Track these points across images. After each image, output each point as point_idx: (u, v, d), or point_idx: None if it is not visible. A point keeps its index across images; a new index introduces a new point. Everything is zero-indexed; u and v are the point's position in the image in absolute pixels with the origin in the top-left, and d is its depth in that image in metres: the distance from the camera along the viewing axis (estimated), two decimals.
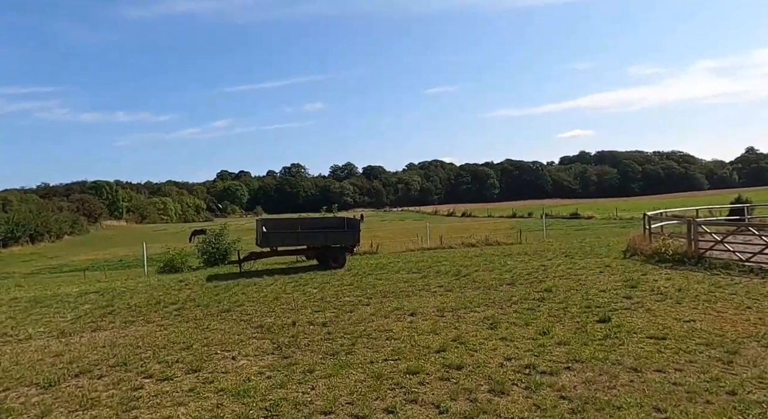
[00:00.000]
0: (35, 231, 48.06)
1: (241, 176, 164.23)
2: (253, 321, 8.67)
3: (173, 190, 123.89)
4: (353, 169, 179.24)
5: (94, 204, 72.05)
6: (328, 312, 9.04)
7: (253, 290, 12.12)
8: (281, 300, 10.54)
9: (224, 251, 18.07)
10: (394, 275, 13.34)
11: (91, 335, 8.37)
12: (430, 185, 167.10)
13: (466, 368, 5.63)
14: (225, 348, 7.05)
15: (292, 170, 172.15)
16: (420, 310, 8.76)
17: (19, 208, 50.55)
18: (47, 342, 8.01)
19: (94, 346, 7.54)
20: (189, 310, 10.03)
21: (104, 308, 10.78)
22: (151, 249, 33.51)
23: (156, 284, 14.03)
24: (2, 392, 5.65)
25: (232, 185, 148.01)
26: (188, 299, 11.21)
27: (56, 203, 64.80)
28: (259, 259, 16.39)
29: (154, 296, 11.87)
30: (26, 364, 6.71)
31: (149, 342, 7.62)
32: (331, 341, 7.09)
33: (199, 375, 5.89)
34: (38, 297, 12.78)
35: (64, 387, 5.76)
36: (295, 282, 12.96)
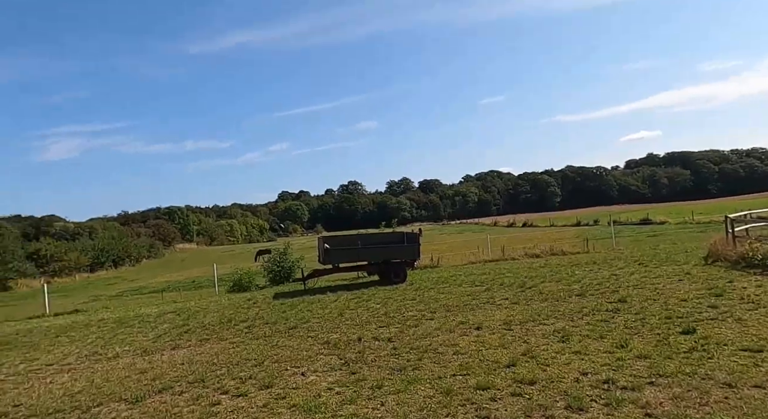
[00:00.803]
0: (118, 256, 51.81)
1: (301, 196, 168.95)
2: (319, 337, 8.82)
3: (238, 212, 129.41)
4: (409, 183, 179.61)
5: (168, 229, 76.82)
6: (392, 328, 9.04)
7: (317, 306, 12.36)
8: (345, 316, 10.67)
9: (288, 270, 18.60)
10: (456, 288, 13.15)
11: (171, 353, 8.83)
12: (488, 197, 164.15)
13: (539, 383, 5.41)
14: (294, 364, 7.20)
15: (349, 188, 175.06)
16: (486, 324, 8.56)
17: (103, 235, 54.78)
18: (133, 359, 8.53)
19: (173, 364, 7.95)
20: (258, 327, 10.37)
21: (181, 327, 11.36)
22: (220, 270, 35.04)
23: (227, 304, 14.64)
24: (96, 407, 6.05)
25: (292, 205, 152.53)
26: (257, 317, 11.60)
27: (135, 230, 69.64)
28: (322, 276, 16.72)
29: (226, 315, 12.37)
30: (115, 381, 7.17)
31: (223, 359, 7.93)
32: (398, 356, 7.07)
33: (272, 391, 6.04)
34: (123, 318, 13.68)
35: (149, 402, 6.09)
36: (358, 298, 13.09)
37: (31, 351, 10.18)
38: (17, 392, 7.07)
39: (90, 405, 6.14)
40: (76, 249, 44.99)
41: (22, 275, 36.62)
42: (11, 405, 6.39)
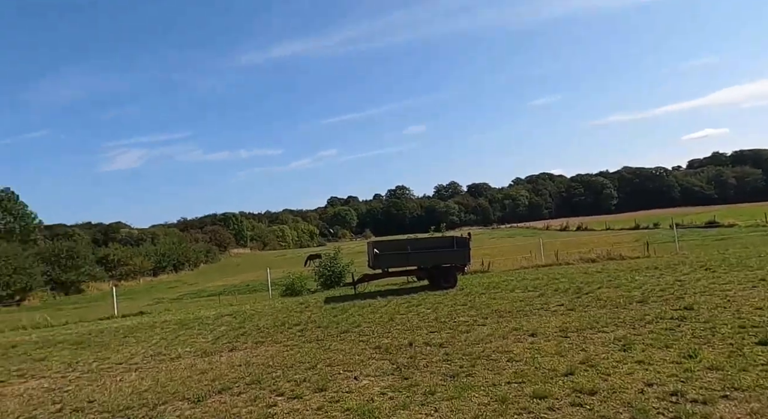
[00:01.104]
0: (178, 261, 54.36)
1: (350, 201, 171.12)
2: (371, 342, 8.87)
3: (289, 218, 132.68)
4: (457, 187, 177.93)
5: (224, 234, 79.87)
6: (443, 333, 8.96)
7: (368, 311, 12.44)
8: (396, 321, 10.67)
9: (339, 274, 18.86)
10: (509, 293, 12.87)
11: (229, 354, 9.14)
12: (540, 200, 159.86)
13: (599, 393, 5.19)
14: (347, 368, 7.27)
15: (397, 193, 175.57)
16: (541, 330, 8.32)
17: (165, 241, 57.67)
18: (194, 360, 8.90)
19: (231, 365, 8.22)
20: (311, 331, 10.56)
21: (237, 329, 11.75)
22: (273, 274, 36.00)
23: (280, 307, 15.01)
24: (161, 405, 6.35)
25: (341, 211, 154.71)
26: (309, 321, 11.82)
27: (193, 235, 72.84)
28: (372, 281, 16.82)
29: (279, 318, 12.68)
30: (178, 380, 7.50)
31: (278, 361, 8.13)
32: (450, 362, 6.99)
33: (326, 395, 6.13)
34: (183, 320, 14.31)
35: (210, 402, 6.32)
36: (408, 303, 13.07)
37: (103, 350, 10.82)
38: (91, 389, 7.53)
39: (156, 403, 6.45)
40: (141, 254, 47.60)
41: (93, 279, 39.16)
42: (86, 401, 6.82)
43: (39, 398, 7.25)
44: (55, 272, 35.48)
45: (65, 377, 8.55)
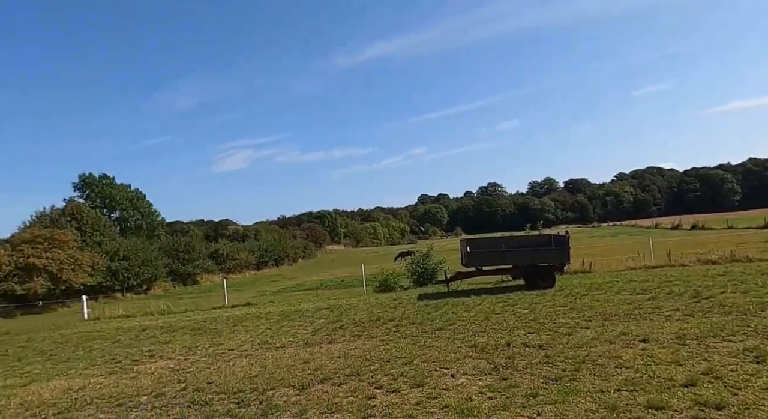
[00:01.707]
0: (278, 256, 57.81)
1: (440, 199, 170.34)
2: (466, 340, 8.78)
3: (381, 215, 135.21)
4: (553, 184, 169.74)
5: (319, 231, 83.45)
6: (543, 334, 8.61)
7: (462, 309, 12.31)
8: (492, 320, 10.45)
9: (432, 271, 18.86)
10: (614, 296, 12.04)
11: (328, 346, 9.54)
12: (646, 196, 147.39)
13: (728, 408, 4.69)
14: (443, 365, 7.26)
15: (488, 190, 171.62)
16: (653, 336, 7.68)
17: (267, 237, 61.57)
18: (296, 350, 9.41)
19: (331, 356, 8.58)
20: (405, 327, 10.69)
21: (335, 322, 12.22)
22: (366, 270, 36.92)
23: (374, 302, 15.36)
24: (270, 390, 6.80)
25: (432, 208, 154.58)
26: (403, 317, 11.96)
27: (291, 232, 76.96)
28: (465, 279, 16.62)
29: (374, 314, 12.99)
30: (284, 368, 7.98)
31: (375, 355, 8.33)
32: (551, 365, 6.71)
33: (423, 390, 6.17)
34: (285, 312, 15.18)
35: (313, 390, 6.65)
36: (503, 302, 12.73)
37: (216, 336, 11.83)
38: (209, 371, 8.27)
39: (265, 388, 6.91)
40: (246, 249, 51.26)
41: (206, 271, 42.96)
42: (206, 382, 7.50)
43: (167, 377, 8.10)
44: (174, 265, 39.48)
45: (187, 359, 9.47)
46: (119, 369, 9.10)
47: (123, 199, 48.53)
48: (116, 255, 33.63)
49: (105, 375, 8.61)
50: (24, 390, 7.95)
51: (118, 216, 48.65)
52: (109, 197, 47.62)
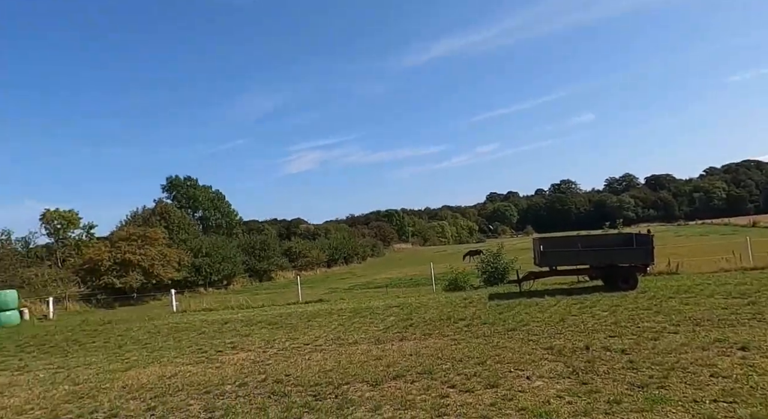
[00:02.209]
0: (348, 254, 59.08)
1: (510, 197, 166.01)
2: (541, 342, 8.51)
3: (448, 214, 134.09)
4: (633, 180, 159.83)
5: (387, 230, 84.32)
6: (625, 338, 8.16)
7: (535, 310, 11.95)
8: (568, 322, 10.06)
9: (502, 271, 18.46)
10: (706, 299, 11.15)
11: (399, 344, 9.62)
12: (742, 192, 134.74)
13: None
14: (518, 367, 7.09)
15: (561, 187, 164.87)
16: (754, 344, 7.03)
17: (336, 236, 63.14)
18: (368, 347, 9.58)
19: (403, 354, 8.64)
20: (477, 327, 10.54)
21: (405, 320, 12.30)
22: (435, 269, 36.77)
23: (444, 301, 15.28)
24: (344, 385, 6.97)
25: (501, 206, 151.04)
26: (474, 317, 11.80)
27: (360, 231, 78.36)
28: (538, 279, 16.10)
29: (444, 312, 12.92)
30: (357, 364, 8.15)
31: (447, 354, 8.29)
32: (635, 370, 6.34)
33: (497, 391, 6.06)
34: (356, 309, 15.49)
35: (386, 387, 6.73)
36: (580, 304, 12.20)
37: (292, 331, 12.30)
38: (286, 364, 8.62)
39: (340, 382, 7.10)
40: (317, 247, 52.85)
41: (280, 268, 44.80)
42: (284, 375, 7.82)
43: (248, 368, 8.55)
44: (251, 262, 41.52)
45: (266, 352, 9.94)
46: (205, 358, 9.73)
47: (205, 199, 51.89)
48: (199, 252, 35.96)
49: (193, 364, 9.23)
50: (125, 375, 8.71)
51: (200, 215, 52.09)
52: (193, 197, 51.12)
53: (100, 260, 29.27)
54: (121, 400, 7.06)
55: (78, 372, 9.34)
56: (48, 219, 42.15)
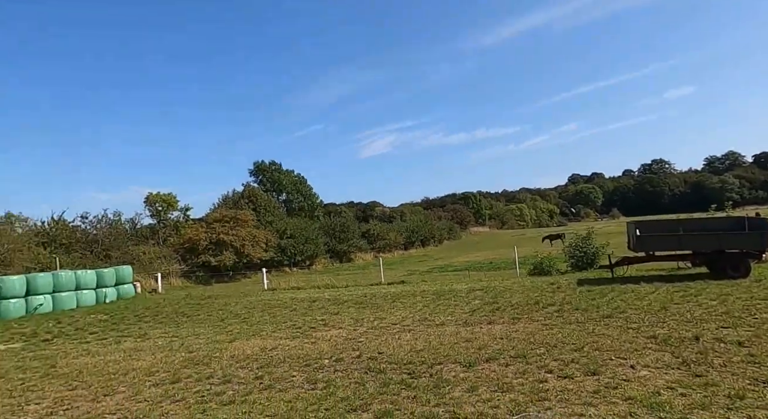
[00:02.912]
0: (424, 237, 59.24)
1: (594, 179, 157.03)
2: (642, 331, 8.09)
3: (527, 197, 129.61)
4: (738, 158, 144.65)
5: (464, 213, 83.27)
6: (741, 330, 7.54)
7: (632, 297, 11.34)
8: (671, 311, 9.46)
9: (592, 255, 17.63)
10: None
11: (488, 327, 9.57)
12: None
13: None
14: (619, 355, 6.81)
15: (653, 167, 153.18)
16: None
17: (413, 219, 63.45)
18: (456, 328, 9.62)
19: (493, 337, 8.59)
20: (569, 312, 10.21)
21: (491, 304, 12.18)
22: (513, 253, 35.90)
23: (529, 286, 14.92)
24: (437, 365, 7.08)
25: (584, 188, 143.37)
26: (565, 302, 11.43)
27: (436, 213, 78.06)
28: (632, 265, 15.21)
29: (531, 297, 12.63)
30: (447, 345, 8.23)
31: (540, 339, 8.12)
32: (758, 365, 5.87)
33: (599, 379, 5.87)
34: (439, 291, 15.56)
35: (480, 369, 6.75)
36: (683, 291, 11.40)
37: (378, 311, 12.63)
38: (377, 342, 8.89)
39: (432, 362, 7.22)
40: (394, 230, 53.50)
41: (359, 250, 46.00)
42: (377, 352, 8.09)
43: (342, 344, 8.93)
44: (332, 243, 42.96)
45: (356, 330, 10.31)
46: (300, 334, 10.28)
47: (288, 183, 54.25)
48: (284, 234, 37.77)
49: (290, 339, 9.81)
50: (231, 346, 9.45)
51: (284, 198, 54.57)
52: (277, 181, 53.63)
53: (198, 240, 31.73)
54: (232, 368, 7.68)
55: (190, 341, 10.27)
56: (151, 202, 46.10)
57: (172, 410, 5.90)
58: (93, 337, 11.55)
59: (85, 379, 7.56)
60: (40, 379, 7.75)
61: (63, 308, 16.79)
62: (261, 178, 54.25)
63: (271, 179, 53.81)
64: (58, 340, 11.41)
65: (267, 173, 54.23)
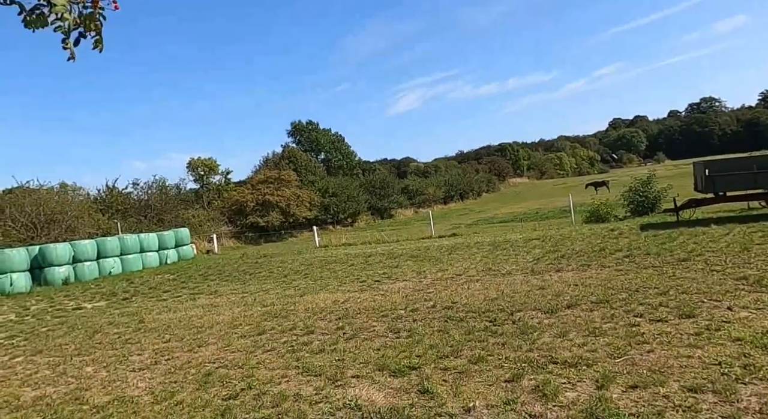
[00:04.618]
0: (463, 190, 58.72)
1: (637, 122, 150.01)
2: (728, 273, 7.78)
3: (566, 144, 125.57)
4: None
5: (502, 164, 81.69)
6: None
7: (705, 239, 10.92)
8: (753, 252, 9.07)
9: (653, 200, 17.00)
10: None
11: (557, 274, 9.42)
12: None
13: None
14: (710, 298, 6.57)
15: (701, 106, 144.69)
16: None
17: (451, 173, 62.84)
18: (525, 277, 9.52)
19: (566, 284, 8.45)
20: (640, 257, 9.94)
21: (553, 252, 11.98)
22: (560, 202, 35.15)
23: (588, 233, 14.59)
24: (517, 312, 7.02)
25: (626, 133, 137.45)
26: (632, 247, 11.13)
27: (473, 166, 76.89)
28: (700, 207, 14.58)
29: (594, 244, 12.35)
30: (521, 293, 8.15)
31: (617, 284, 7.93)
32: None
33: (697, 322, 5.69)
34: (494, 242, 15.43)
35: (563, 315, 6.66)
36: (762, 232, 10.90)
37: (438, 263, 12.65)
38: (447, 293, 8.91)
39: (512, 310, 7.17)
40: (433, 185, 53.23)
41: (399, 206, 46.15)
42: (450, 302, 8.10)
43: (412, 296, 9.00)
44: (372, 200, 43.19)
45: (421, 282, 10.37)
46: (367, 287, 10.43)
47: (326, 142, 54.32)
48: (326, 192, 38.16)
49: (358, 292, 9.96)
50: (302, 300, 9.69)
51: (323, 158, 54.80)
52: (315, 141, 53.75)
53: (245, 202, 32.49)
54: (311, 320, 7.88)
55: (261, 296, 10.60)
56: (193, 166, 47.21)
57: (266, 358, 6.13)
58: (167, 295, 12.10)
59: (175, 332, 7.94)
60: (134, 333, 8.20)
61: (131, 269, 17.65)
62: (299, 138, 54.44)
63: (309, 139, 53.93)
64: (136, 298, 12.03)
65: (305, 133, 54.34)
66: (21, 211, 22.35)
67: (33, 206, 22.86)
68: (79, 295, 13.25)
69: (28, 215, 22.31)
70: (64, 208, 24.08)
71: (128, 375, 6.06)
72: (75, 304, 11.89)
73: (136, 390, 5.48)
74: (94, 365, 6.63)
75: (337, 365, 5.61)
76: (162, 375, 5.93)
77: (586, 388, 4.32)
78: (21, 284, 14.46)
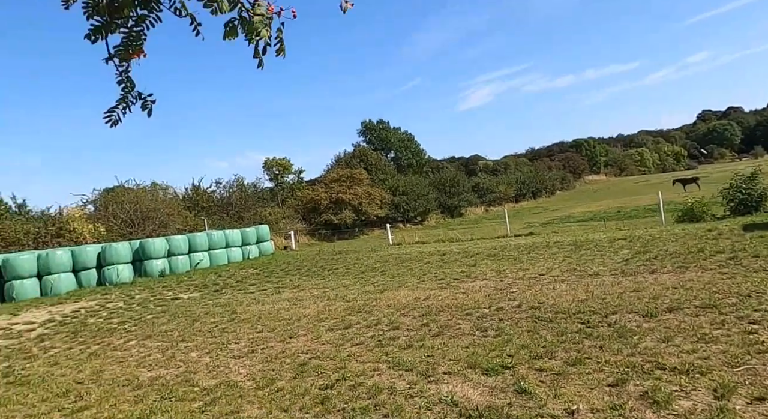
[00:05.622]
0: (536, 188, 56.84)
1: (730, 113, 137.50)
2: None
3: (648, 139, 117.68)
4: None
5: (577, 161, 78.05)
6: None
7: None
8: None
9: (758, 197, 15.55)
10: None
11: (652, 276, 8.87)
12: None
13: None
14: None
15: None
16: None
17: (523, 170, 61.02)
18: (616, 278, 9.04)
19: (664, 286, 7.94)
20: (747, 260, 9.17)
21: (643, 253, 11.30)
22: (643, 200, 33.11)
23: (682, 233, 13.62)
24: (612, 314, 6.69)
25: (718, 126, 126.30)
26: (736, 249, 10.25)
27: (545, 163, 74.12)
28: None
29: (690, 244, 11.51)
30: (613, 295, 7.74)
31: (723, 288, 7.35)
32: None
33: None
34: (576, 242, 14.79)
35: (664, 319, 6.26)
36: None
37: (517, 262, 12.33)
38: (532, 292, 8.66)
39: (605, 312, 6.85)
40: (504, 182, 51.99)
41: (470, 204, 45.53)
42: (536, 302, 7.88)
43: (495, 295, 8.85)
44: (442, 198, 42.96)
45: (502, 281, 10.16)
46: (446, 285, 10.39)
47: (396, 141, 54.68)
48: (397, 191, 38.44)
49: (438, 289, 9.95)
50: (383, 296, 9.81)
51: (393, 156, 55.24)
52: (385, 139, 54.29)
53: (319, 200, 33.50)
54: (394, 316, 7.97)
55: (341, 291, 10.88)
56: (268, 166, 49.27)
57: (356, 352, 6.28)
58: (254, 288, 12.75)
59: (266, 323, 8.36)
60: (229, 323, 8.72)
61: (217, 263, 18.78)
62: (369, 137, 55.23)
63: (379, 138, 54.56)
64: (226, 290, 12.78)
65: (375, 132, 55.03)
66: (121, 208, 24.50)
67: (131, 203, 24.99)
68: (175, 286, 14.29)
69: (126, 212, 24.41)
70: (157, 206, 26.09)
71: (229, 361, 6.46)
72: (173, 294, 12.84)
73: (238, 376, 5.83)
74: (198, 351, 7.14)
75: (427, 361, 5.64)
76: (260, 362, 6.26)
77: (702, 397, 4.05)
78: (125, 274, 15.86)
